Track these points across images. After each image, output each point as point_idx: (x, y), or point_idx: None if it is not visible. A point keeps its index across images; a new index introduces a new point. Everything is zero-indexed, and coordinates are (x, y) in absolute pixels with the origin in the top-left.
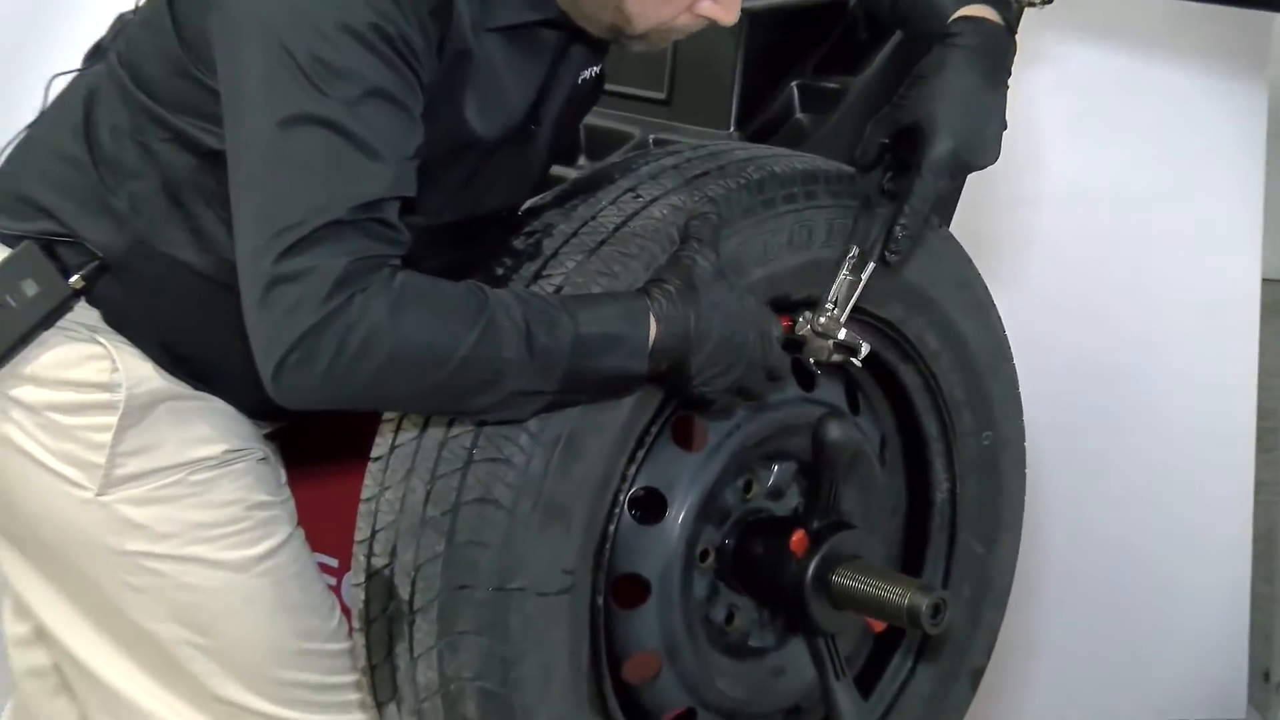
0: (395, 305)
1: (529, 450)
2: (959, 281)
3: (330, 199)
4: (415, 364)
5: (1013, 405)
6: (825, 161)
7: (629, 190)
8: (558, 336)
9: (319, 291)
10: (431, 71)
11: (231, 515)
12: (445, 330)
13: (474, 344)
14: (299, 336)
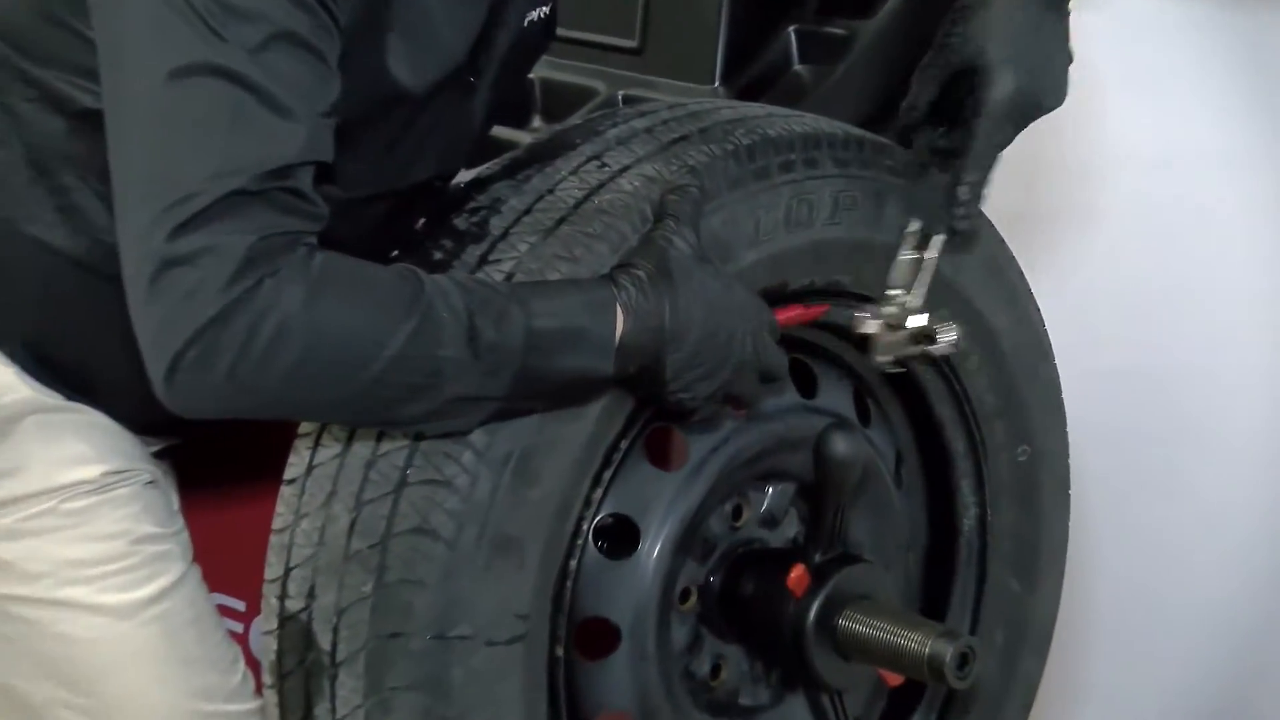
0: (313, 292)
1: (474, 471)
2: (989, 266)
3: (231, 164)
4: (336, 363)
5: (1054, 414)
6: (829, 123)
7: (593, 158)
8: (507, 331)
9: (220, 275)
10: (349, 11)
11: (113, 551)
12: (372, 323)
13: (406, 339)
14: (196, 330)
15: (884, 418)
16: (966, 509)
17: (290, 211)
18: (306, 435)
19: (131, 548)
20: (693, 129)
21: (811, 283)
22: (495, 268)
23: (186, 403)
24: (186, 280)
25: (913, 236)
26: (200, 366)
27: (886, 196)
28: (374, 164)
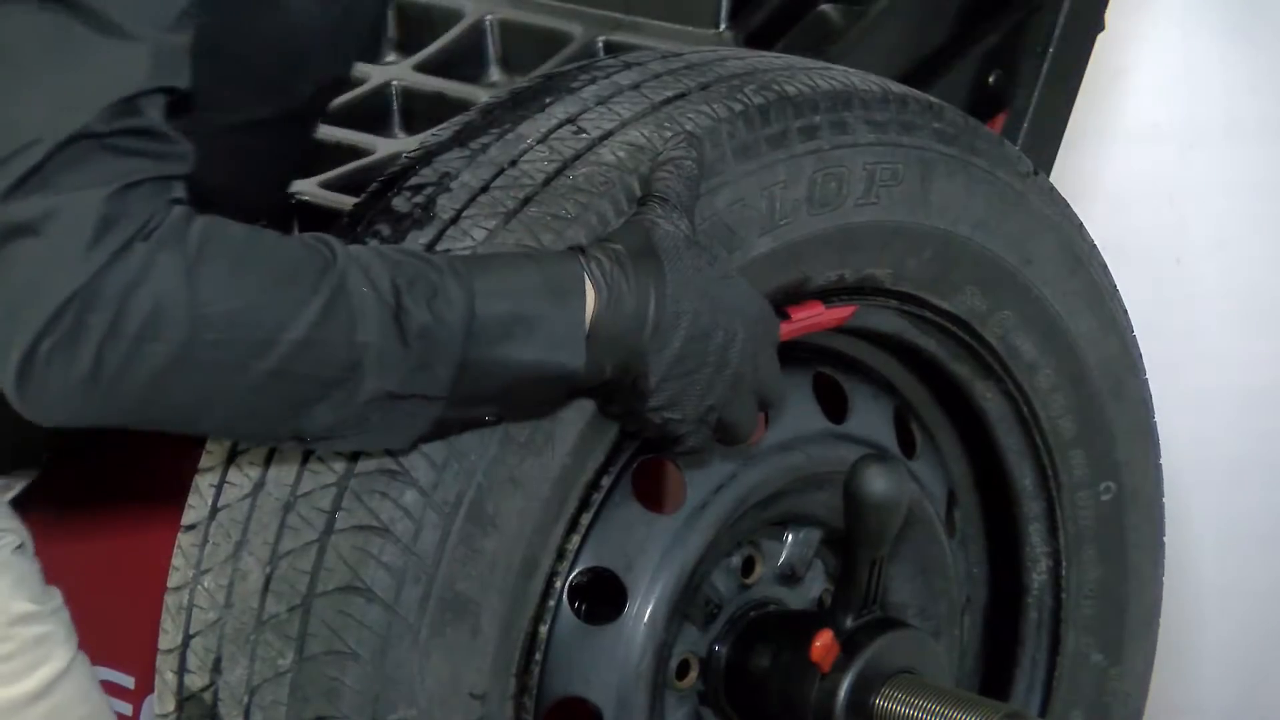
0: (194, 262)
1: (417, 514)
2: (1066, 258)
3: (63, 103)
4: (225, 351)
5: (1144, 443)
6: (863, 76)
7: (566, 122)
8: (443, 313)
9: (73, 243)
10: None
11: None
12: (270, 300)
13: (314, 321)
14: (52, 313)
15: (933, 447)
16: (1036, 561)
17: (145, 154)
18: (209, 470)
19: (5, 632)
20: (691, 84)
21: (840, 277)
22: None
23: (47, 406)
24: (33, 253)
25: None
26: (59, 358)
27: (934, 169)
28: (247, 78)
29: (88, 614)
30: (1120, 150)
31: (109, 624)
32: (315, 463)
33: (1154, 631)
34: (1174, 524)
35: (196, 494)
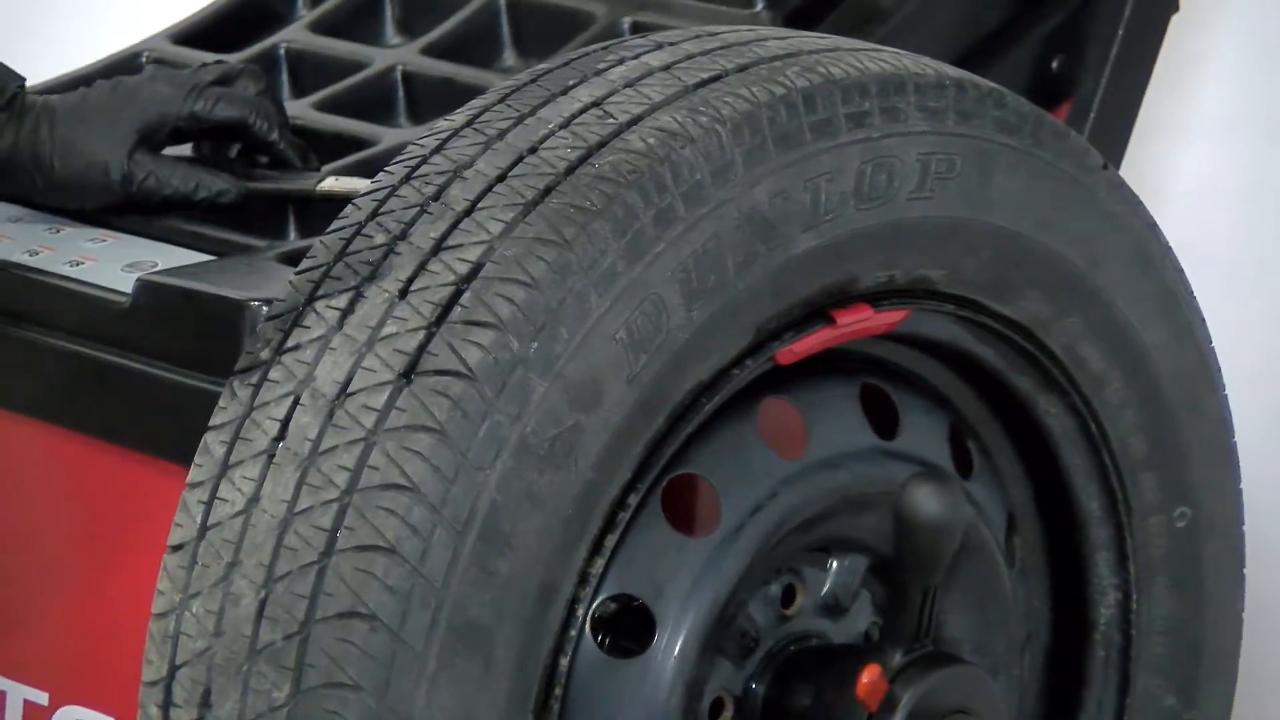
0: None
1: (425, 532)
2: (1138, 258)
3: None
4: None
5: (1223, 465)
6: (916, 59)
7: (592, 105)
8: None
9: None
10: None
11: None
12: None
13: None
14: None
15: (991, 467)
16: (1104, 594)
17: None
18: (198, 485)
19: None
20: (728, 66)
21: (890, 279)
22: (456, 254)
23: None
24: None
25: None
26: None
27: (994, 161)
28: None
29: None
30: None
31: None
32: (316, 476)
33: (1233, 673)
34: (1252, 555)
35: (184, 511)
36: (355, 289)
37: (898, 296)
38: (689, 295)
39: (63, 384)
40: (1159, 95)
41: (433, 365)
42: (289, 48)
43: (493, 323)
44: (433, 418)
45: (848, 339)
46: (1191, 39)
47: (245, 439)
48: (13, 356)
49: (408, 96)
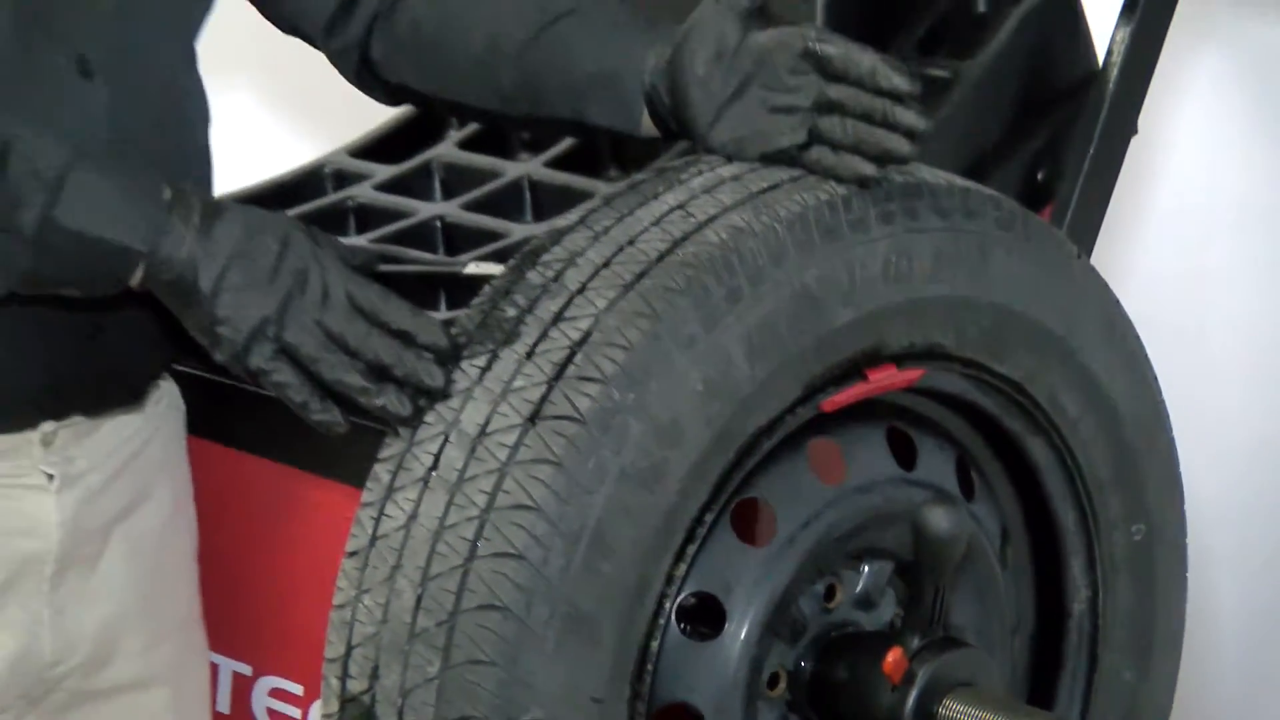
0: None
1: (547, 542)
2: (1105, 326)
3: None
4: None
5: (1171, 489)
6: (932, 171)
7: (677, 207)
8: (42, 168)
9: None
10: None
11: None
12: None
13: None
14: None
15: (989, 491)
16: (1077, 590)
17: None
18: (369, 505)
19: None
20: (784, 177)
21: (911, 344)
22: (571, 324)
23: None
24: None
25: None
26: None
27: (993, 250)
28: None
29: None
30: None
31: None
32: (461, 498)
33: (1178, 652)
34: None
35: (359, 525)
36: (493, 351)
37: (917, 358)
38: (752, 356)
39: (280, 427)
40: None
41: (552, 411)
42: (441, 160)
43: (599, 378)
44: (552, 452)
45: (877, 391)
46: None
47: (406, 469)
48: (241, 406)
49: (533, 199)
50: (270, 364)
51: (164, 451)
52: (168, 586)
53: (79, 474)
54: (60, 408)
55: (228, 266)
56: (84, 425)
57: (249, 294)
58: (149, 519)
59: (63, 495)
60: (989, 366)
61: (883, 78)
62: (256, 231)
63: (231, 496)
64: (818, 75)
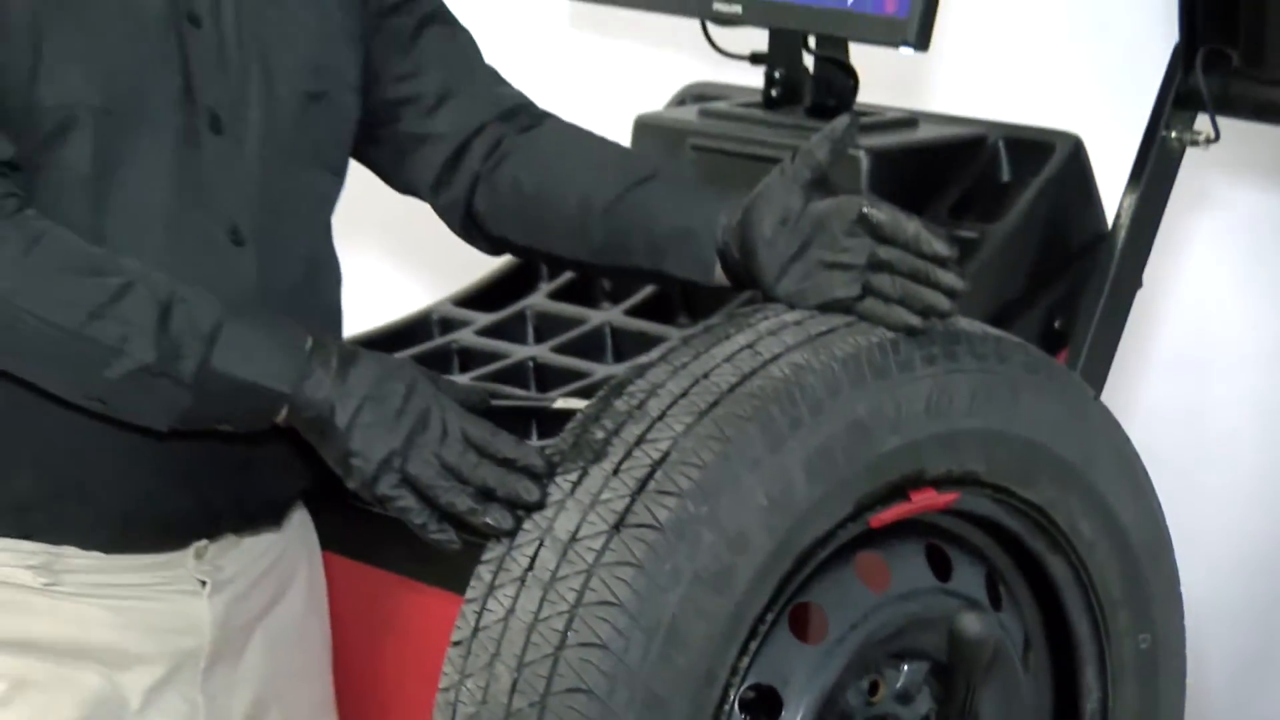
0: (30, 245)
1: (628, 634)
2: (1116, 458)
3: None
4: (37, 307)
5: (1173, 603)
6: (969, 320)
7: (746, 347)
8: (198, 322)
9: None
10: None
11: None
12: (78, 284)
13: (106, 301)
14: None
15: (1014, 602)
16: (1089, 692)
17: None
18: (473, 600)
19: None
20: (840, 322)
21: (948, 471)
22: (652, 445)
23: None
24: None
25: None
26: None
27: (1021, 390)
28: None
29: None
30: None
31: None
32: (553, 595)
33: None
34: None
35: (463, 618)
36: (583, 468)
37: (953, 483)
38: (811, 476)
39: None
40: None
41: (635, 520)
42: (533, 309)
43: (676, 492)
44: (634, 556)
45: (918, 511)
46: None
47: (506, 569)
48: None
49: (613, 343)
50: (395, 491)
51: (298, 558)
52: (304, 675)
53: (227, 580)
54: (213, 528)
55: (360, 407)
56: (232, 539)
57: (378, 431)
58: (286, 616)
59: (214, 598)
60: (1016, 493)
61: (925, 243)
62: (386, 376)
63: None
64: (870, 238)
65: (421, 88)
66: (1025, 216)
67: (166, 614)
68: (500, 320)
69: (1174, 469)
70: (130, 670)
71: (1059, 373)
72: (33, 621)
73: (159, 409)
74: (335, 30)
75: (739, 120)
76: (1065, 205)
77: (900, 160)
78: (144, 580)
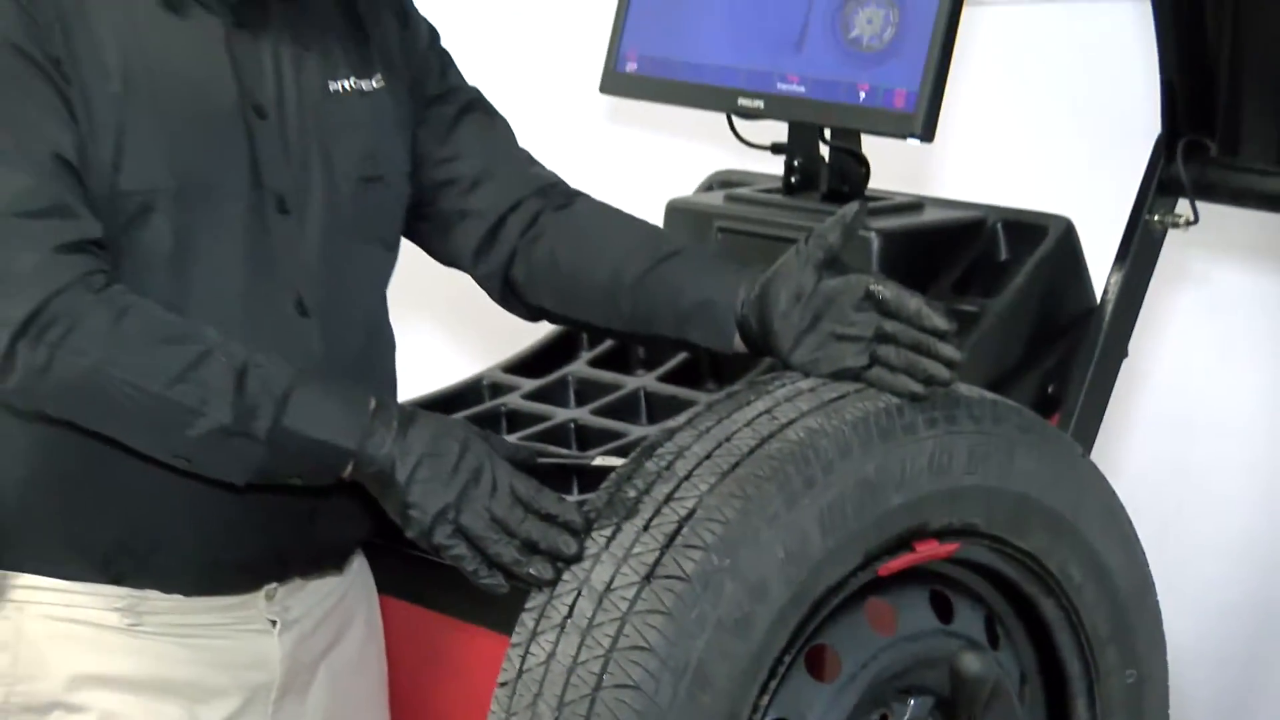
0: (119, 316)
1: (658, 676)
2: (1104, 511)
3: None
4: (124, 372)
5: (1157, 642)
6: (967, 386)
7: (764, 413)
8: (271, 385)
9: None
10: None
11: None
12: (162, 351)
13: (186, 367)
14: (26, 318)
15: (1010, 641)
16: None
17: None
18: (518, 645)
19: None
20: (849, 389)
21: (949, 523)
22: (680, 503)
23: (13, 388)
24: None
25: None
26: (24, 351)
27: (1016, 449)
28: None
29: None
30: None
31: None
32: (590, 640)
33: None
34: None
35: (509, 661)
36: (617, 524)
37: (954, 534)
38: (824, 530)
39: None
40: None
41: (664, 572)
42: (575, 375)
43: (701, 546)
44: (663, 604)
45: (922, 561)
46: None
47: (547, 617)
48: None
49: (647, 406)
50: (449, 540)
51: (358, 600)
52: (363, 707)
53: (295, 619)
54: (282, 573)
55: (419, 463)
56: (299, 583)
57: (434, 485)
58: (347, 652)
59: (283, 636)
60: (1011, 542)
61: (926, 318)
62: (442, 435)
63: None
64: (876, 313)
65: (461, 170)
66: (1021, 292)
67: (240, 651)
68: (545, 385)
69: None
70: (208, 703)
71: (1051, 433)
72: (119, 659)
73: (236, 465)
74: (387, 120)
75: (761, 204)
76: (1057, 282)
77: (907, 241)
78: (220, 620)
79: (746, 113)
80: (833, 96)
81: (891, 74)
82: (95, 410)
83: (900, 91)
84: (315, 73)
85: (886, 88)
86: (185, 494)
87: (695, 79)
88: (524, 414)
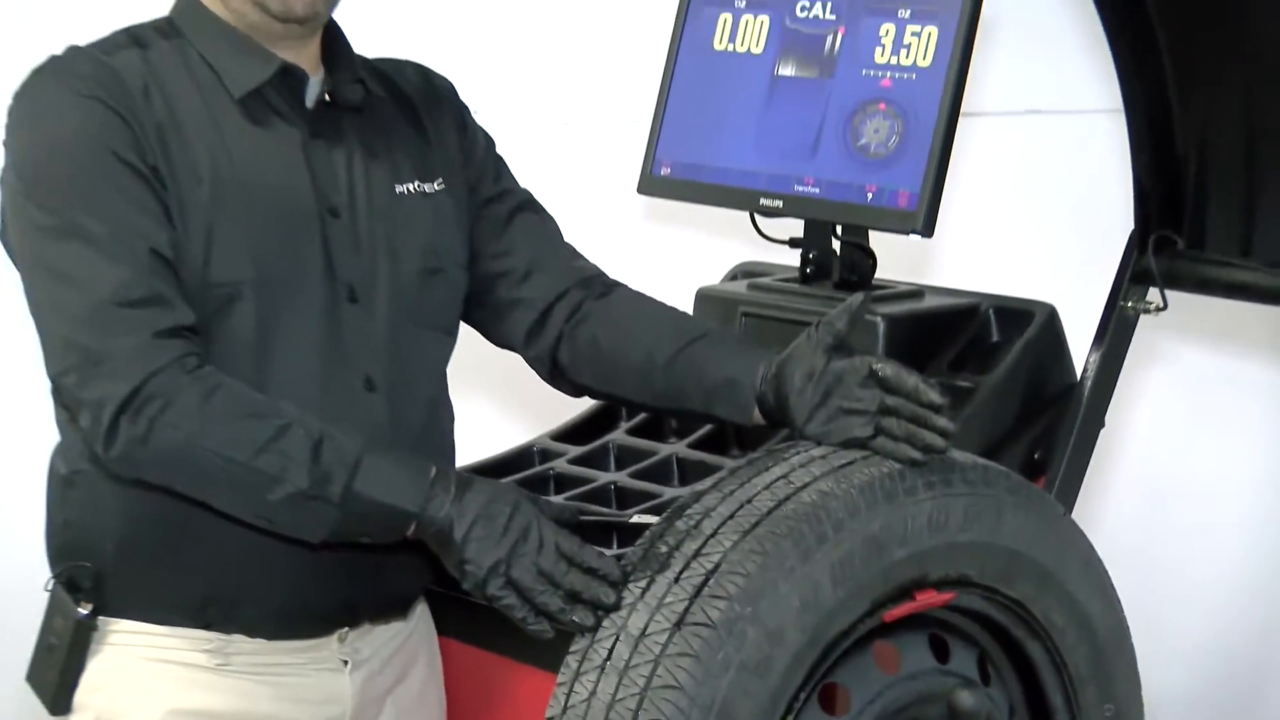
0: (209, 393)
1: (687, 713)
2: (1083, 563)
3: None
4: (215, 444)
5: (1132, 681)
6: (961, 453)
7: (782, 477)
8: (344, 454)
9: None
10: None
11: None
12: (247, 425)
13: (269, 439)
14: (127, 396)
15: (1000, 679)
16: None
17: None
18: (563, 684)
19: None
20: (857, 456)
21: (946, 575)
22: (706, 558)
23: (116, 457)
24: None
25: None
26: (125, 424)
27: (1005, 509)
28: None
29: None
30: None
31: None
32: (627, 680)
33: None
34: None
35: (555, 699)
36: (651, 576)
37: (950, 584)
38: (835, 581)
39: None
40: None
41: (693, 619)
42: (615, 443)
43: (725, 596)
44: (692, 649)
45: (922, 609)
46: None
47: (589, 659)
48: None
49: (680, 470)
50: (501, 591)
51: (420, 642)
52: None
53: (364, 660)
54: (353, 619)
55: (474, 524)
56: (368, 627)
57: (487, 544)
58: (411, 688)
59: (353, 675)
60: (1001, 591)
61: (923, 394)
62: (495, 499)
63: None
64: (879, 389)
65: (514, 263)
66: (1010, 370)
67: (315, 688)
68: (588, 451)
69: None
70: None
71: (1036, 494)
72: (208, 695)
73: (313, 525)
74: (447, 218)
75: (780, 292)
76: (1043, 361)
77: (910, 325)
78: (297, 660)
79: (767, 211)
80: (844, 197)
81: (896, 177)
82: (188, 477)
83: (904, 192)
84: (383, 176)
85: (891, 189)
86: (267, 551)
87: (722, 181)
88: (570, 477)
